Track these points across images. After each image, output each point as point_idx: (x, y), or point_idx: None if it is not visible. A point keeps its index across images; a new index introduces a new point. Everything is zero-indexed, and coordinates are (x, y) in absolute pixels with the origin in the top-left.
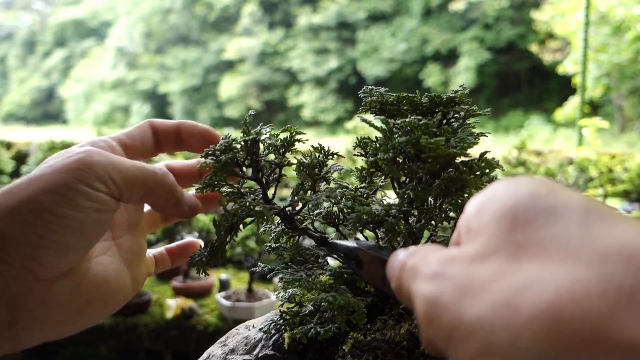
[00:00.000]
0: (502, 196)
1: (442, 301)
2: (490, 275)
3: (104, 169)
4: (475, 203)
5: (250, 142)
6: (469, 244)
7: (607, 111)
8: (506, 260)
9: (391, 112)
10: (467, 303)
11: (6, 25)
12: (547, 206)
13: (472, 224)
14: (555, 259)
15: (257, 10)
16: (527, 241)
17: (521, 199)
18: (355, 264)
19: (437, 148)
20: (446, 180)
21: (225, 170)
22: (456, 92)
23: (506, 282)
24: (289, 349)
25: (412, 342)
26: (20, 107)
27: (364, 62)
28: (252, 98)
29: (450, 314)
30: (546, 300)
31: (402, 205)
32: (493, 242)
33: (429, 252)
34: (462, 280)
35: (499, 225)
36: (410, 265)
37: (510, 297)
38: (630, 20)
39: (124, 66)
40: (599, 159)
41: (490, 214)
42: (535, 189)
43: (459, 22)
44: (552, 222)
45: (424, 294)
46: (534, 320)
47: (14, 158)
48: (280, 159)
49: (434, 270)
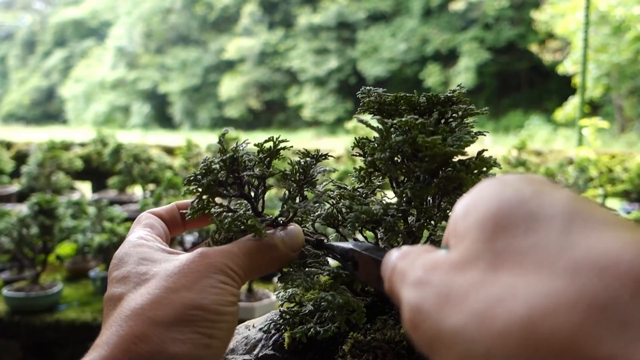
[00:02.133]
0: (487, 199)
1: (424, 309)
2: (470, 285)
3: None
4: (462, 205)
5: (228, 160)
6: (454, 249)
7: (607, 111)
8: (485, 270)
9: (389, 112)
10: (446, 312)
11: (6, 25)
12: (529, 212)
13: (458, 227)
14: (531, 269)
15: (257, 10)
16: (506, 249)
17: (504, 204)
18: (351, 265)
19: (433, 147)
20: (444, 179)
21: (210, 192)
22: (454, 91)
23: (483, 293)
24: (289, 348)
25: (412, 342)
26: (20, 107)
27: (364, 62)
28: (252, 98)
29: (431, 323)
30: (519, 314)
31: (400, 205)
32: (474, 249)
33: (417, 256)
34: (443, 289)
35: (481, 231)
36: (399, 268)
37: (486, 308)
38: (630, 20)
39: (124, 66)
40: (598, 159)
41: (474, 218)
42: (520, 192)
43: (459, 22)
44: (532, 230)
45: (408, 301)
46: (507, 333)
47: (14, 158)
48: (264, 170)
49: (418, 277)
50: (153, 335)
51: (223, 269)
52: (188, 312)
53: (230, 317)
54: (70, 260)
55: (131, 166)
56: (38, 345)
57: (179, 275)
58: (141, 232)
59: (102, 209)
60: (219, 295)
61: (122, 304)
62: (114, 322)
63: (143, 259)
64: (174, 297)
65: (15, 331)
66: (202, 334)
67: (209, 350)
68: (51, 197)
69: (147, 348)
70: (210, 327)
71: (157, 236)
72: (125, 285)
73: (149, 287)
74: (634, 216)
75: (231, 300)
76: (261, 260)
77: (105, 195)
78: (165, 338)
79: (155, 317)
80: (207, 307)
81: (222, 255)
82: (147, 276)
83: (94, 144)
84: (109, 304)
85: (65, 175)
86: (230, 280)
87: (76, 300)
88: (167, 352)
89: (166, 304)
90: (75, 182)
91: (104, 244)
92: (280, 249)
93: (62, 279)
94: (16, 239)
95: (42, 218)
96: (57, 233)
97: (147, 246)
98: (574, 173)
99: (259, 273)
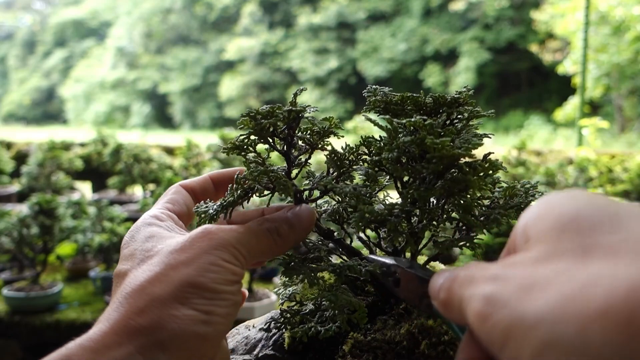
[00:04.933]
0: (561, 206)
1: (501, 298)
2: (556, 273)
3: (232, 245)
4: (532, 213)
5: (293, 114)
6: (529, 251)
7: (607, 111)
8: (573, 261)
9: (395, 111)
10: (529, 298)
11: (6, 25)
12: (610, 214)
13: (531, 233)
14: (626, 258)
15: (257, 10)
16: (595, 244)
17: (582, 208)
18: (392, 281)
19: (442, 148)
20: (450, 181)
21: (261, 135)
22: (460, 93)
23: (573, 278)
24: (289, 348)
25: (412, 342)
26: (20, 107)
27: (364, 62)
28: (252, 98)
29: (509, 310)
30: (621, 293)
31: (405, 205)
32: (558, 246)
33: (484, 265)
34: (525, 279)
35: (562, 231)
36: (464, 275)
37: (579, 290)
38: (630, 20)
39: (124, 66)
40: (598, 159)
41: (551, 221)
42: (594, 199)
43: (459, 22)
44: (618, 227)
45: (482, 293)
46: (606, 312)
47: (14, 158)
48: (316, 141)
49: (494, 273)
50: (150, 311)
51: (226, 245)
52: (184, 289)
53: (231, 296)
54: (70, 260)
55: (131, 166)
56: (38, 345)
57: (180, 252)
58: (156, 211)
59: (102, 209)
60: (218, 274)
61: (126, 280)
62: (116, 299)
63: (150, 237)
64: (172, 274)
65: (15, 331)
66: (199, 311)
67: (209, 327)
68: (51, 197)
69: (145, 324)
70: (208, 305)
71: (174, 213)
72: (130, 262)
73: (151, 263)
74: None
75: (232, 279)
76: (264, 242)
77: (106, 195)
78: (162, 314)
79: (153, 293)
80: (203, 284)
81: (226, 232)
82: (151, 253)
83: (94, 144)
84: (116, 280)
85: (65, 175)
86: (232, 258)
87: (76, 300)
88: (166, 328)
89: (164, 280)
90: (75, 182)
91: (104, 244)
92: (284, 233)
93: (62, 279)
94: (16, 239)
95: (42, 218)
96: (57, 233)
97: (156, 225)
98: (574, 173)
99: (263, 255)
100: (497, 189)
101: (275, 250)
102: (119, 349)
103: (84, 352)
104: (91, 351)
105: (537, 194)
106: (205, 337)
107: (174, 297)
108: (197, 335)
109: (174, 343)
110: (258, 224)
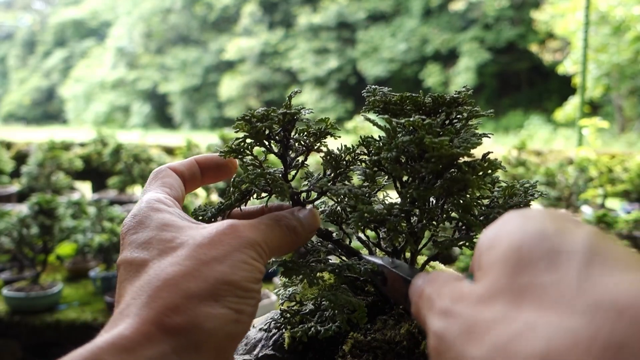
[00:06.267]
0: (511, 234)
1: (448, 339)
2: (493, 319)
3: (259, 243)
4: (486, 237)
5: (288, 117)
6: (478, 281)
7: (607, 111)
8: (507, 305)
9: (394, 111)
10: (469, 344)
11: (6, 25)
12: (551, 248)
13: (483, 261)
14: (551, 306)
15: (257, 10)
16: (529, 285)
17: (527, 239)
18: (380, 280)
19: (441, 148)
20: (449, 181)
21: (257, 138)
22: (459, 92)
23: (505, 328)
24: (289, 348)
25: (412, 342)
26: (20, 107)
27: (364, 62)
28: (252, 98)
29: (454, 352)
30: (538, 349)
31: (404, 205)
32: (498, 283)
33: (444, 283)
34: (467, 322)
35: (504, 265)
36: (427, 294)
37: (508, 342)
38: (630, 20)
39: (124, 66)
40: (598, 159)
41: (499, 252)
42: (543, 227)
43: (459, 22)
44: (553, 266)
45: (434, 329)
46: None
47: (14, 158)
48: (312, 142)
49: (444, 307)
50: (186, 308)
51: (253, 244)
52: (219, 287)
53: (257, 294)
54: (70, 260)
55: (131, 166)
56: (38, 345)
57: (210, 247)
58: (159, 194)
59: (102, 209)
60: (249, 272)
61: (148, 271)
62: (142, 292)
63: (165, 225)
64: (205, 270)
65: (15, 331)
66: (232, 309)
67: (238, 327)
68: (51, 197)
69: (180, 321)
70: (240, 303)
71: (175, 199)
72: (147, 252)
73: (178, 256)
74: (634, 216)
75: (258, 277)
76: (282, 239)
77: (105, 195)
78: (198, 312)
79: (188, 289)
80: (237, 282)
81: (252, 229)
82: (173, 244)
83: (94, 144)
84: (129, 268)
85: (65, 175)
86: (258, 256)
87: (76, 300)
88: (201, 326)
89: (198, 277)
90: (75, 182)
91: (104, 244)
92: (299, 231)
93: (62, 279)
94: (16, 239)
95: (42, 218)
96: (57, 233)
97: (167, 212)
98: (574, 173)
99: (279, 253)
100: (497, 189)
101: (289, 248)
102: (153, 348)
103: (116, 352)
104: (125, 350)
105: (537, 194)
106: (235, 337)
107: (209, 294)
108: (227, 335)
109: (208, 343)
110: (276, 221)
